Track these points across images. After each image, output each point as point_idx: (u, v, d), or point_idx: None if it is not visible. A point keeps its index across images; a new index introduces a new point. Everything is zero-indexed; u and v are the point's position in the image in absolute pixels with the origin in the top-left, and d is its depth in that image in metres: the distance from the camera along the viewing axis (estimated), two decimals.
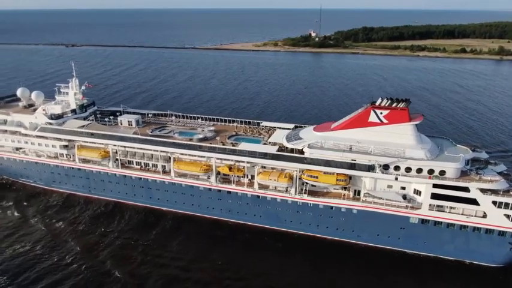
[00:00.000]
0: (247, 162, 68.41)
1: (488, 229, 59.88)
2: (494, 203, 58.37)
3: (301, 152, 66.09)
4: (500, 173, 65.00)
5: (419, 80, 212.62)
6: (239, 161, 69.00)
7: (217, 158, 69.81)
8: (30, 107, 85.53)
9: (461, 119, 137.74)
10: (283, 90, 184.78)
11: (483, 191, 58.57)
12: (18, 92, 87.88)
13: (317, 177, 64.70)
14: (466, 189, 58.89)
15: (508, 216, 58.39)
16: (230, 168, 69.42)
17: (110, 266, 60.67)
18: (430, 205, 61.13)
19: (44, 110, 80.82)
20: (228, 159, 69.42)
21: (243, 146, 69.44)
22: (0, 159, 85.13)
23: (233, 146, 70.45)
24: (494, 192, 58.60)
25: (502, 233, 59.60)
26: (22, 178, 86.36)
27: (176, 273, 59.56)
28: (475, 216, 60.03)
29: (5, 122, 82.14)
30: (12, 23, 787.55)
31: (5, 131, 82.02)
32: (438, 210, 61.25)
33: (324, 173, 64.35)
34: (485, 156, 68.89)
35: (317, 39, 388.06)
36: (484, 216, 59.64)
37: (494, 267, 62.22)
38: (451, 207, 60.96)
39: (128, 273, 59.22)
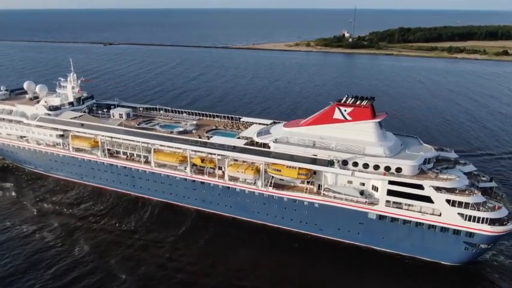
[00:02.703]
0: (218, 155, 72.16)
1: (443, 227, 60.51)
2: (448, 201, 58.99)
3: (268, 146, 69.07)
4: (468, 174, 65.65)
5: (457, 83, 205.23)
6: (210, 153, 72.88)
7: (192, 150, 74.02)
8: (35, 99, 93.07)
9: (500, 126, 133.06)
10: (314, 90, 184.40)
11: (437, 189, 59.30)
12: (25, 85, 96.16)
13: (280, 170, 67.48)
14: (420, 187, 59.84)
15: (462, 215, 58.80)
16: (202, 160, 73.42)
17: (82, 244, 66.44)
18: (386, 201, 62.40)
19: (45, 102, 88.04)
20: (201, 151, 73.49)
21: (215, 139, 73.25)
22: (7, 146, 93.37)
23: (208, 139, 74.40)
24: (449, 190, 59.23)
25: (456, 232, 60.08)
26: (25, 164, 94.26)
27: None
28: (432, 214, 60.83)
29: (10, 112, 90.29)
30: (55, 23, 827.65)
31: (11, 121, 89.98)
32: (397, 207, 62.48)
33: (287, 166, 67.02)
34: (454, 156, 69.43)
35: (350, 39, 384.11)
36: (440, 214, 60.40)
37: (450, 266, 62.75)
38: (409, 205, 61.98)
39: (94, 250, 65.02)
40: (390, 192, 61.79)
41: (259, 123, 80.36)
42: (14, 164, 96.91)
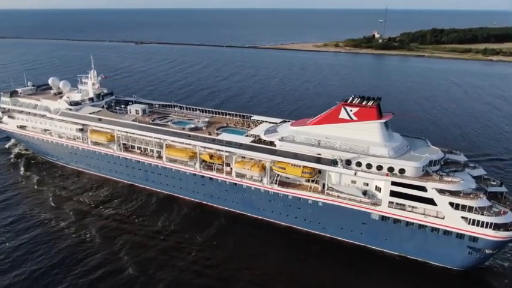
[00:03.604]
0: (225, 151, 73.77)
1: (446, 230, 59.66)
2: (451, 204, 58.14)
3: (274, 144, 70.04)
4: (477, 177, 64.38)
5: (493, 86, 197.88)
6: (219, 150, 74.59)
7: (201, 146, 76.00)
8: (59, 94, 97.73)
9: None
10: (346, 92, 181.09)
11: (440, 191, 58.57)
12: (50, 81, 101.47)
13: (285, 168, 68.36)
14: (423, 189, 59.23)
15: (465, 218, 57.85)
16: (211, 156, 75.27)
17: (93, 232, 69.43)
18: (389, 202, 62.12)
19: (67, 97, 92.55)
20: (209, 148, 75.32)
21: (223, 136, 74.91)
22: (32, 138, 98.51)
23: (217, 136, 76.12)
24: (452, 193, 58.37)
25: (460, 236, 59.12)
26: (48, 156, 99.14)
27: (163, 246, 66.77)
28: (436, 217, 60.05)
29: (35, 107, 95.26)
30: (91, 22, 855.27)
31: (35, 114, 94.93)
32: (400, 209, 62.08)
33: (292, 165, 67.79)
34: (464, 159, 68.23)
35: (380, 40, 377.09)
36: (443, 217, 59.58)
37: (454, 270, 61.74)
38: (413, 207, 61.49)
39: (103, 236, 68.24)
40: (393, 193, 61.44)
41: (269, 122, 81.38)
42: (38, 155, 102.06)
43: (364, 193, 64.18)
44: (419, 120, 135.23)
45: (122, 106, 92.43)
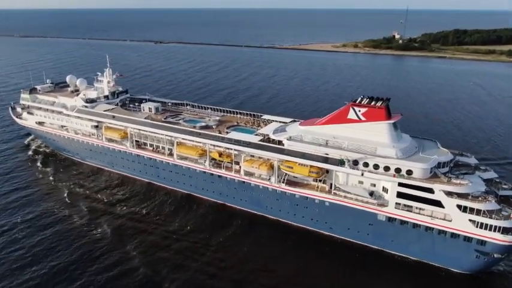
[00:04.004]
0: (234, 150, 74.51)
1: (454, 233, 58.93)
2: (459, 206, 57.42)
3: (282, 143, 70.40)
4: (488, 180, 63.44)
5: None
6: (228, 148, 75.38)
7: (210, 144, 76.94)
8: (76, 92, 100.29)
9: None
10: (365, 93, 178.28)
11: (448, 193, 57.91)
12: (67, 79, 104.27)
13: (292, 167, 68.64)
14: (431, 191, 58.67)
15: (473, 221, 57.04)
16: (220, 154, 76.12)
17: (109, 230, 70.27)
18: (396, 203, 61.74)
19: (84, 94, 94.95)
20: (219, 146, 76.19)
21: (232, 134, 75.68)
22: (49, 134, 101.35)
23: (226, 134, 76.94)
24: (460, 195, 57.62)
25: (467, 239, 58.29)
26: (64, 151, 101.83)
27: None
28: (443, 219, 59.36)
29: (53, 104, 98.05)
30: (112, 22, 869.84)
31: (53, 111, 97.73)
32: (407, 210, 61.61)
33: (299, 164, 68.02)
34: (475, 162, 67.22)
35: (400, 41, 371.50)
36: (450, 220, 58.86)
37: (461, 274, 60.90)
38: (420, 209, 60.94)
39: (118, 234, 69.07)
40: (400, 195, 61.03)
41: (279, 121, 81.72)
42: (55, 151, 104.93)
43: (371, 194, 63.93)
44: (441, 122, 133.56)
45: (136, 104, 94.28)
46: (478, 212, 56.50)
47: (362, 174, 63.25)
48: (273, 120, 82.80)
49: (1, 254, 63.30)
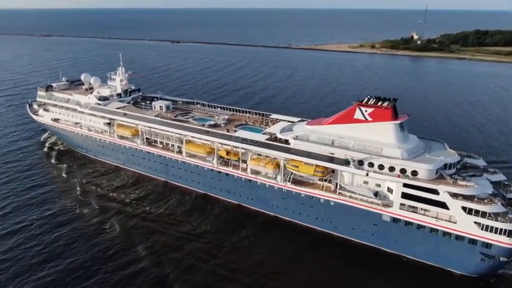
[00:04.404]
0: (241, 148, 75.28)
1: (459, 235, 58.42)
2: (464, 208, 56.93)
3: (288, 142, 70.84)
4: (497, 183, 62.76)
5: None
6: (235, 147, 76.19)
7: (218, 143, 77.88)
8: (90, 90, 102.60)
9: None
10: (383, 94, 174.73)
11: (453, 195, 57.44)
12: (82, 77, 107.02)
13: (298, 166, 69.03)
14: (435, 192, 58.31)
15: (478, 224, 56.48)
16: (228, 152, 77.00)
17: (124, 229, 70.89)
18: (401, 204, 61.54)
19: (97, 92, 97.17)
20: (226, 144, 77.07)
21: (239, 133, 76.49)
22: (64, 130, 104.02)
23: (234, 133, 77.77)
24: (466, 197, 57.13)
25: (472, 241, 57.73)
26: (78, 148, 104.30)
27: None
28: (448, 221, 58.88)
29: (68, 101, 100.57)
30: (130, 21, 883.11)
31: (68, 108, 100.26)
32: (412, 211, 61.36)
33: (304, 163, 68.37)
34: (483, 164, 66.47)
35: (419, 42, 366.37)
36: (455, 221, 58.38)
37: (466, 276, 60.28)
38: (425, 210, 60.60)
39: (133, 233, 69.54)
40: (404, 195, 60.83)
41: (287, 121, 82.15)
42: (69, 147, 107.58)
43: (376, 194, 63.82)
44: (461, 124, 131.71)
45: (147, 102, 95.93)
46: (484, 214, 55.91)
47: (367, 174, 63.22)
48: (281, 120, 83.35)
49: (18, 250, 64.51)
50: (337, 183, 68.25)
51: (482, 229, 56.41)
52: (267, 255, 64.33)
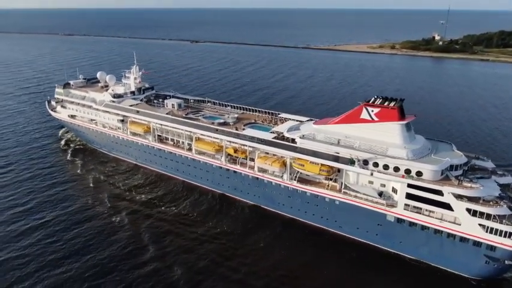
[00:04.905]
0: (249, 146, 76.26)
1: (463, 237, 57.97)
2: (468, 210, 56.47)
3: (294, 141, 71.42)
4: (505, 185, 61.97)
5: None
6: (243, 145, 77.22)
7: (227, 140, 79.05)
8: (105, 87, 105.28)
9: None
10: (403, 95, 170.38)
11: (457, 196, 57.03)
12: (98, 75, 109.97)
13: (303, 165, 69.60)
14: (439, 193, 58.00)
15: (483, 226, 55.96)
16: (235, 150, 78.13)
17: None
18: (405, 204, 61.38)
19: (112, 90, 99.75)
20: (234, 142, 78.16)
21: (247, 131, 77.49)
22: (80, 127, 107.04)
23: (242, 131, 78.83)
24: (470, 199, 56.66)
25: (477, 244, 57.19)
26: (93, 144, 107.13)
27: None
28: (453, 222, 58.47)
29: (84, 98, 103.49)
30: (151, 21, 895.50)
31: (84, 105, 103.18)
32: (417, 212, 61.16)
33: (310, 162, 68.87)
34: (491, 166, 65.69)
35: (440, 42, 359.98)
36: (460, 223, 57.95)
37: (470, 279, 59.72)
38: (430, 211, 60.33)
39: (151, 233, 69.93)
40: (409, 196, 60.65)
41: (296, 120, 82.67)
42: (85, 143, 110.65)
43: (380, 194, 63.83)
44: (486, 128, 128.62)
45: (160, 100, 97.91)
46: (488, 217, 55.35)
47: (371, 174, 63.30)
48: (289, 119, 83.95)
49: (39, 245, 65.87)
50: (342, 183, 68.56)
51: (486, 231, 55.85)
52: (282, 258, 63.87)
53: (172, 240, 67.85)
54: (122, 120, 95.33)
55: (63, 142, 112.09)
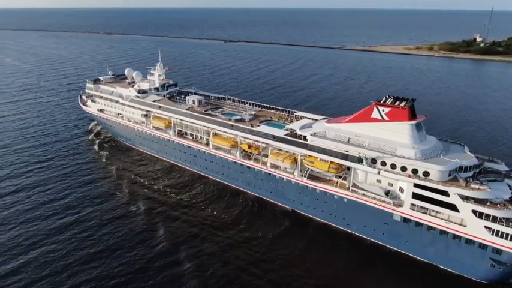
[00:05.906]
0: (262, 142, 78.09)
1: (469, 239, 57.34)
2: (474, 212, 55.89)
3: (306, 139, 72.61)
4: None
5: None
6: (256, 141, 79.14)
7: (241, 136, 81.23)
8: (132, 83, 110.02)
9: None
10: (446, 102, 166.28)
11: (464, 197, 56.54)
12: (125, 72, 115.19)
13: (313, 162, 70.71)
14: (445, 193, 57.66)
15: (489, 228, 55.22)
16: (249, 146, 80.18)
17: (158, 220, 73.46)
18: (411, 204, 61.32)
19: (138, 86, 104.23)
20: (248, 138, 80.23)
21: (261, 128, 79.30)
22: (107, 120, 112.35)
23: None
24: (477, 201, 56.01)
25: (483, 246, 56.48)
26: (119, 137, 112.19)
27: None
28: (459, 224, 57.99)
29: (111, 93, 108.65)
30: (187, 21, 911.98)
31: (111, 100, 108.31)
32: (423, 212, 60.94)
33: (320, 159, 69.90)
34: (505, 169, 64.38)
35: (482, 44, 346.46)
36: (466, 225, 57.38)
37: (476, 282, 58.92)
38: (437, 212, 60.03)
39: (166, 225, 71.43)
40: (415, 196, 60.58)
41: (310, 118, 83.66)
42: (111, 136, 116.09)
43: (387, 193, 64.03)
44: None
45: (182, 96, 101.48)
46: (495, 219, 54.59)
47: (378, 173, 63.62)
48: (304, 117, 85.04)
49: (73, 239, 67.38)
50: (351, 181, 69.10)
51: (492, 234, 55.09)
52: (297, 254, 64.25)
53: (202, 244, 66.83)
54: (146, 115, 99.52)
55: (92, 135, 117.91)
